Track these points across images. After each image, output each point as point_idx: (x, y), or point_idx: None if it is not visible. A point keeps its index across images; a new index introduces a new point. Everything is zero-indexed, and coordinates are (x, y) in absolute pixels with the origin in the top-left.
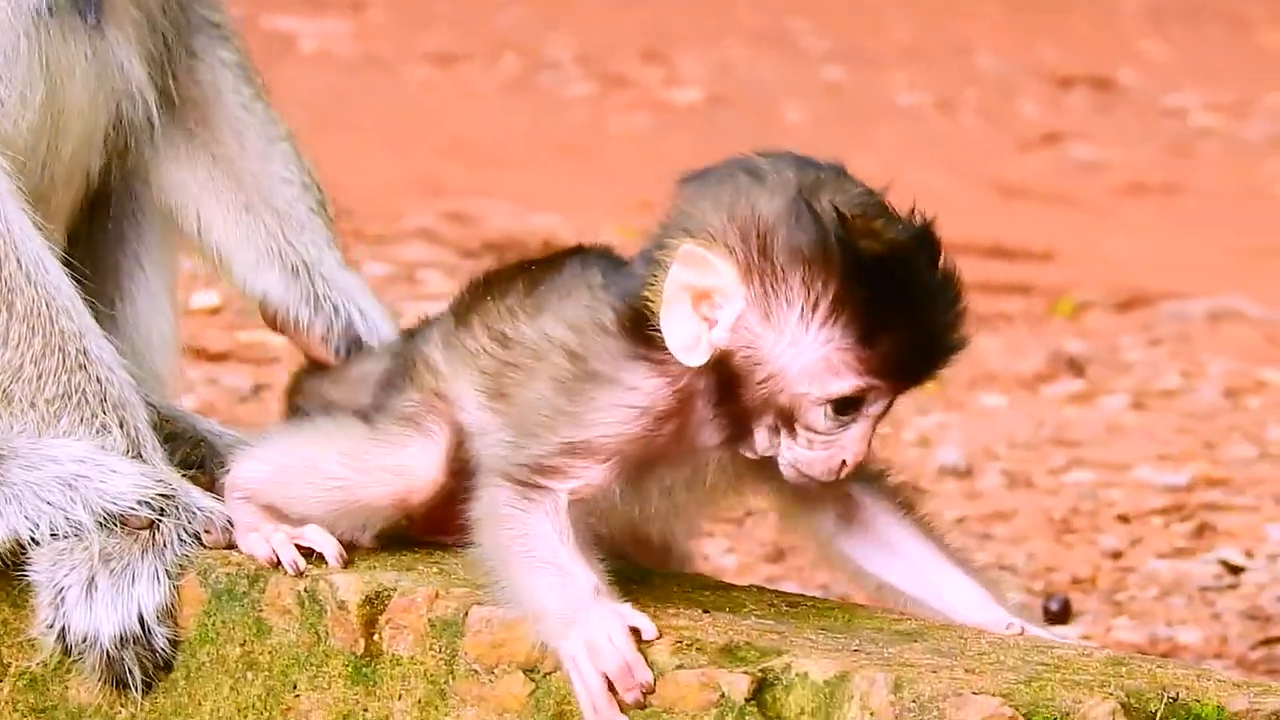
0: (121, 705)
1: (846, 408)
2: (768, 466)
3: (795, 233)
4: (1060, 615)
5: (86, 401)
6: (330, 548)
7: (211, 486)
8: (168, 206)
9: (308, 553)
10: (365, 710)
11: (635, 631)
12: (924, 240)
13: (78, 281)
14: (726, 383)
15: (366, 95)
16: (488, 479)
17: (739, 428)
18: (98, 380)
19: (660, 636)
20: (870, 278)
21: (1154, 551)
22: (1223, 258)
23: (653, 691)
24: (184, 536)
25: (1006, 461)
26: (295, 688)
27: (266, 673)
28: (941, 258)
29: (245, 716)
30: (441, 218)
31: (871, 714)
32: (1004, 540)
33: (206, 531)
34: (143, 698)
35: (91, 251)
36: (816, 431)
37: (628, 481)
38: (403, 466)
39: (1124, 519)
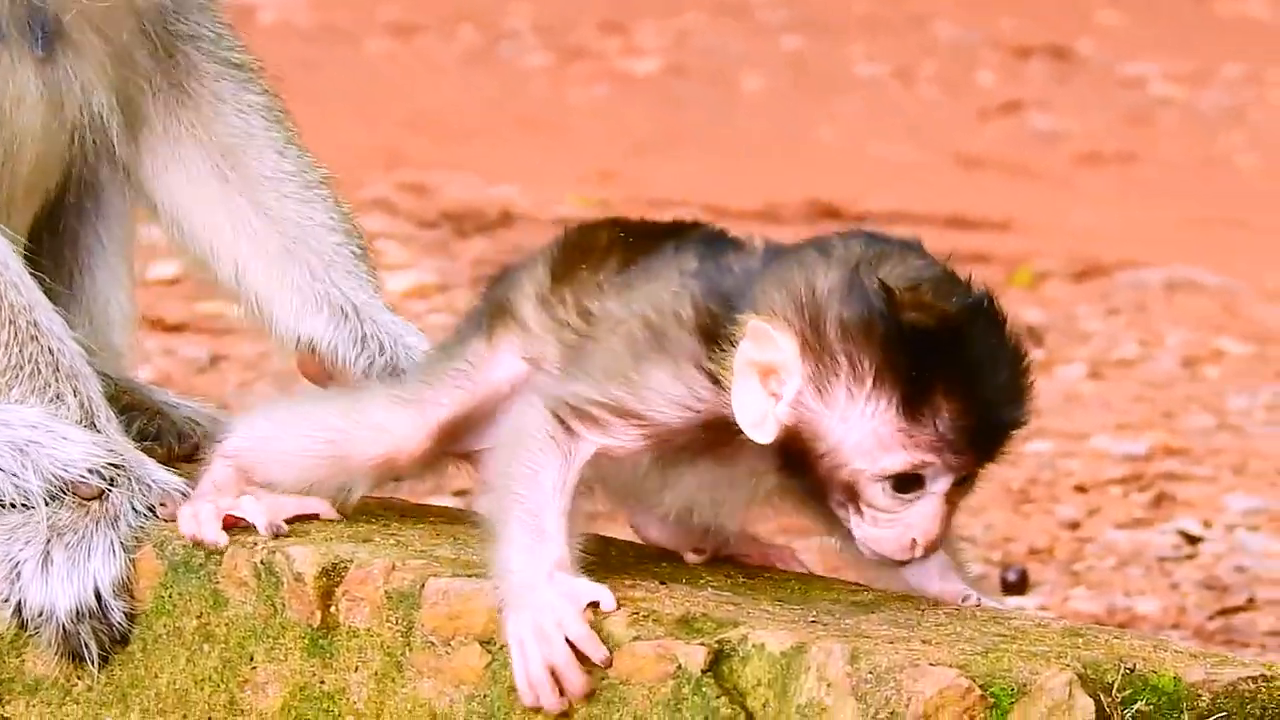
0: (78, 678)
1: (907, 485)
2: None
3: (843, 307)
4: (1018, 586)
5: (39, 372)
6: (261, 518)
7: (169, 458)
8: (203, 252)
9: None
10: (322, 682)
11: (594, 604)
12: (980, 313)
13: (34, 256)
14: (796, 456)
15: (326, 66)
16: (532, 397)
17: (815, 493)
18: (49, 351)
19: (618, 609)
20: (916, 351)
21: (1112, 521)
22: (1181, 227)
23: (610, 665)
24: (138, 508)
25: None
26: (252, 659)
27: (223, 645)
28: (1002, 331)
29: (202, 688)
30: (399, 188)
31: (828, 685)
32: (962, 511)
33: (162, 504)
34: (99, 670)
35: (51, 226)
36: (878, 509)
37: (660, 460)
38: (387, 430)
39: (1082, 489)
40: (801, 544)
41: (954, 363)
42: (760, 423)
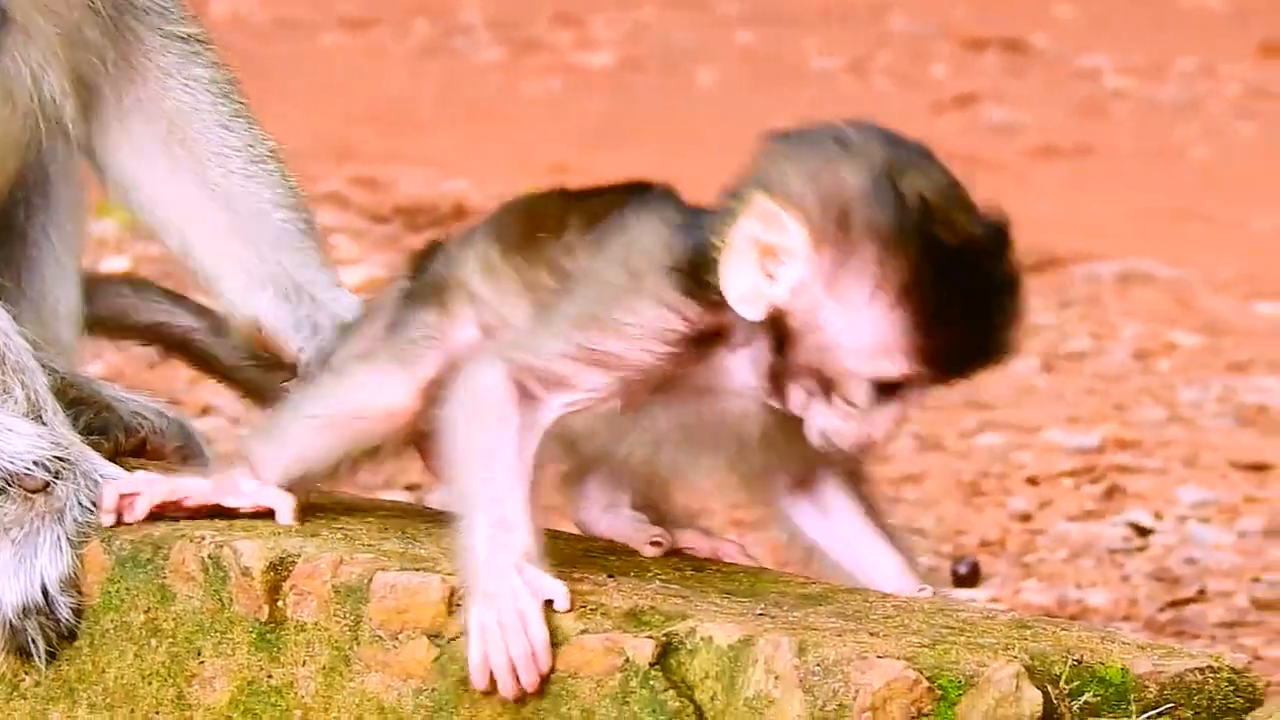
0: (25, 673)
1: (888, 388)
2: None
3: (877, 211)
4: (969, 578)
5: None
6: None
7: (115, 452)
8: (152, 227)
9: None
10: (269, 676)
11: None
12: (998, 240)
13: None
14: (773, 339)
15: (278, 59)
16: (490, 358)
17: (774, 382)
18: None
19: (571, 609)
20: (941, 268)
21: (1063, 514)
22: (1134, 220)
23: (548, 680)
24: (84, 503)
25: (916, 424)
26: (200, 654)
27: (171, 639)
28: (1012, 260)
29: (150, 683)
30: (352, 182)
31: (776, 678)
32: (913, 503)
33: None
34: (46, 666)
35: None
36: (853, 405)
37: (627, 408)
38: (375, 403)
39: (1033, 481)
40: (751, 538)
41: (970, 285)
42: (750, 300)
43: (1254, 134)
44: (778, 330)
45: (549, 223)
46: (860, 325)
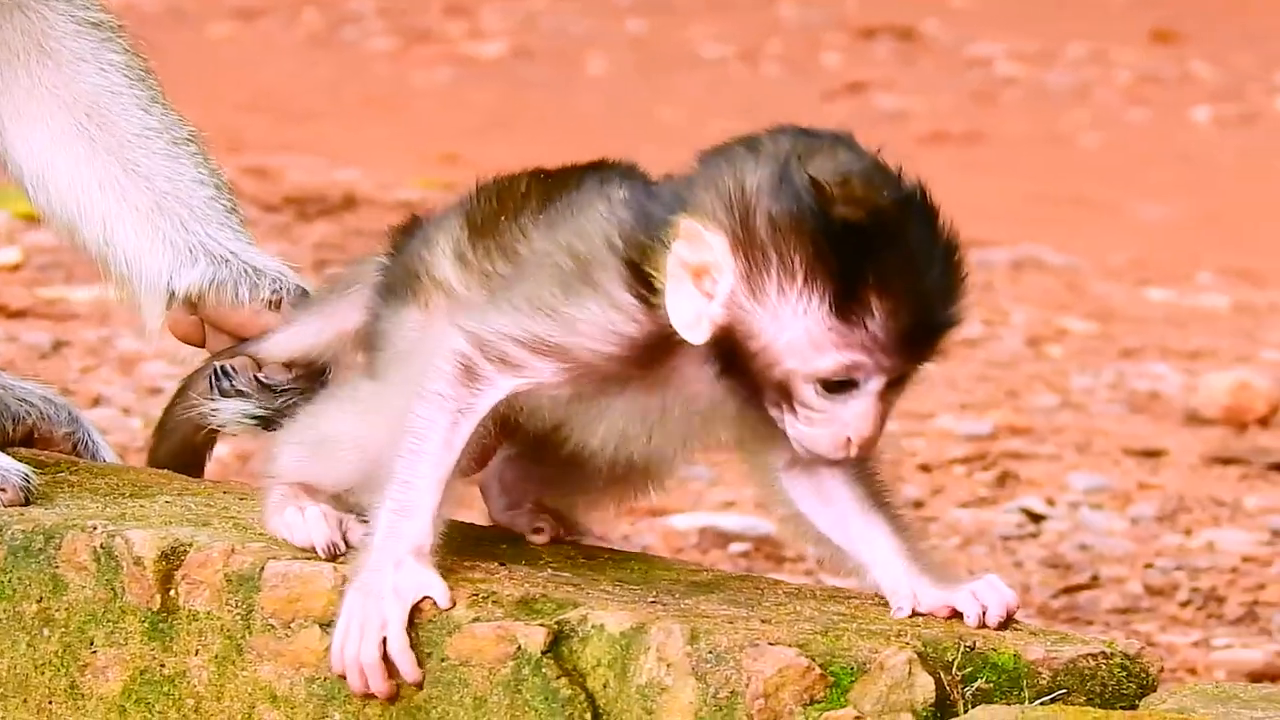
0: None
1: (840, 387)
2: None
3: (772, 203)
4: None
5: None
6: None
7: (3, 442)
8: (70, 214)
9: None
10: (162, 666)
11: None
12: (913, 206)
13: None
14: (730, 356)
15: (169, 49)
16: (451, 330)
17: (742, 396)
18: None
19: (453, 606)
20: (847, 247)
21: (956, 501)
22: (1025, 206)
23: (420, 686)
24: None
25: None
26: (92, 644)
27: (63, 629)
28: (936, 225)
29: (43, 673)
30: (243, 172)
31: (668, 665)
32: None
33: (1, 490)
34: None
35: None
36: (812, 409)
37: (580, 394)
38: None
39: (926, 468)
40: (646, 523)
41: (886, 259)
42: (694, 323)
43: (1144, 121)
44: (729, 348)
45: (511, 204)
46: (785, 323)
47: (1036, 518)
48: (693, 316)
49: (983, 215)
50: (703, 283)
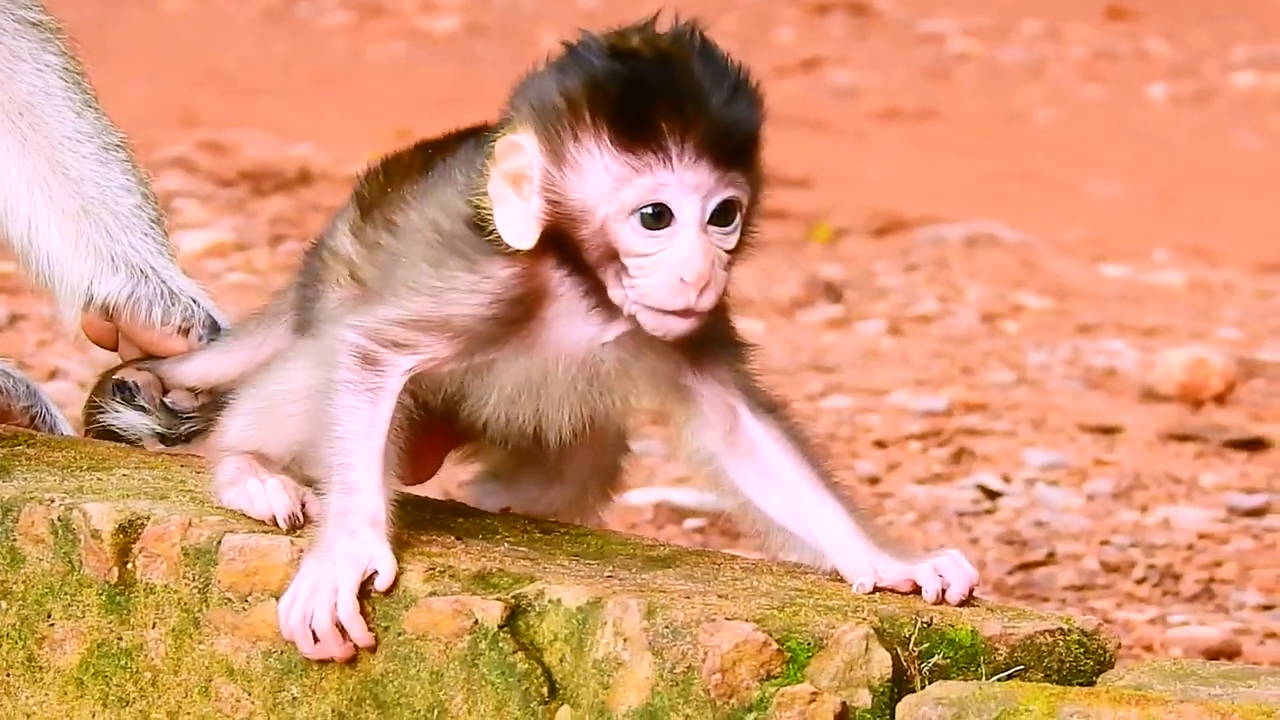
0: None
1: (657, 220)
2: (654, 367)
3: (562, 76)
4: None
5: None
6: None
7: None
8: None
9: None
10: (119, 639)
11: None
12: (689, 40)
13: None
14: (565, 251)
15: (123, 25)
16: (339, 329)
17: (595, 296)
18: None
19: (394, 585)
20: (625, 78)
21: (911, 477)
22: (979, 183)
23: (374, 649)
24: None
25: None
26: (50, 617)
27: (21, 602)
28: (714, 52)
29: (0, 645)
30: (197, 147)
31: (625, 640)
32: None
33: None
34: None
35: None
36: (638, 255)
37: (476, 363)
38: None
39: (881, 444)
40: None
41: (665, 80)
42: (521, 229)
43: (1099, 97)
44: (560, 242)
45: (397, 177)
46: (587, 170)
47: (992, 494)
48: (517, 222)
49: (937, 192)
50: (521, 187)
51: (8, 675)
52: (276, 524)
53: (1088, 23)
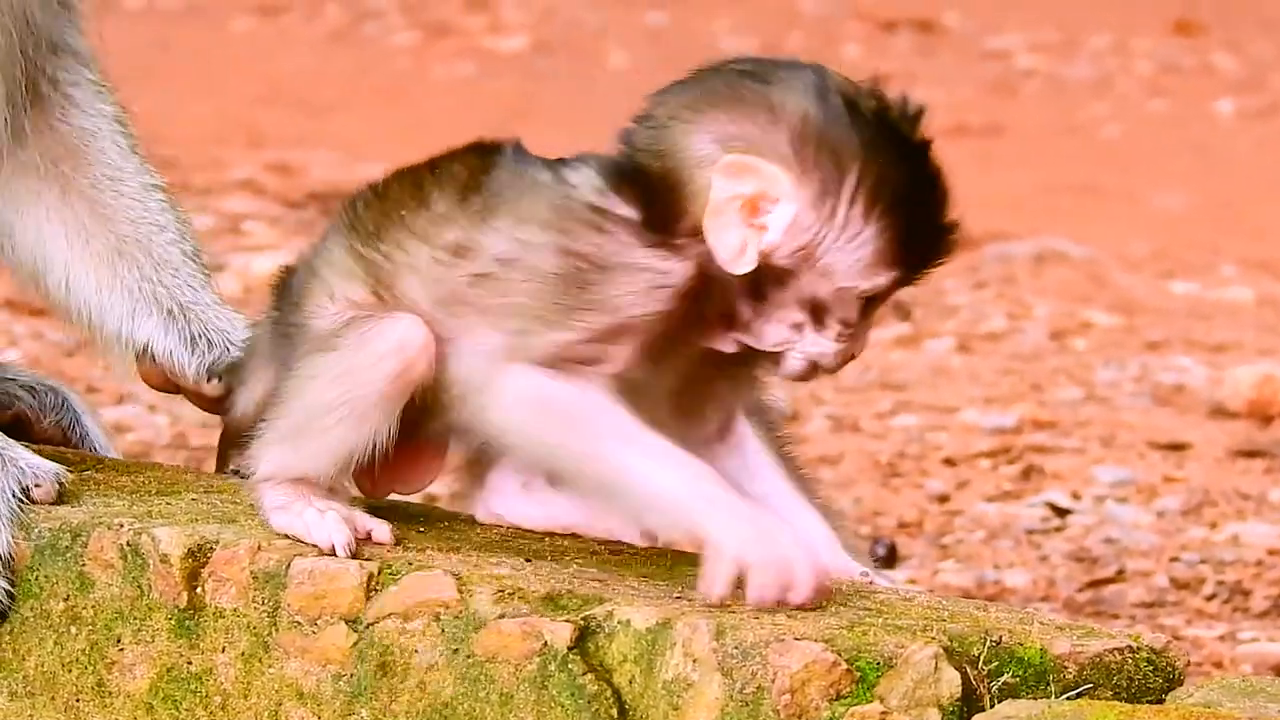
0: None
1: (874, 300)
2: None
3: (845, 130)
4: (887, 560)
5: None
6: (382, 528)
7: (32, 437)
8: (33, 256)
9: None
10: (189, 663)
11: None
12: (923, 124)
13: None
14: (757, 280)
15: (190, 46)
16: (495, 365)
17: (748, 326)
18: None
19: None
20: (914, 174)
21: (980, 495)
22: (1046, 198)
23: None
24: (11, 491)
25: (832, 405)
26: (119, 642)
27: (90, 627)
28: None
29: (70, 671)
30: (265, 169)
31: (694, 661)
32: (830, 485)
33: (36, 485)
34: None
35: None
36: (847, 325)
37: (650, 360)
38: (387, 345)
39: (950, 462)
40: None
41: (929, 181)
42: (740, 255)
43: (1165, 111)
44: (761, 275)
45: (407, 201)
46: (859, 241)
47: (1062, 511)
48: (738, 246)
49: (1004, 208)
50: (752, 216)
51: (78, 700)
52: (334, 553)
53: (1153, 37)
